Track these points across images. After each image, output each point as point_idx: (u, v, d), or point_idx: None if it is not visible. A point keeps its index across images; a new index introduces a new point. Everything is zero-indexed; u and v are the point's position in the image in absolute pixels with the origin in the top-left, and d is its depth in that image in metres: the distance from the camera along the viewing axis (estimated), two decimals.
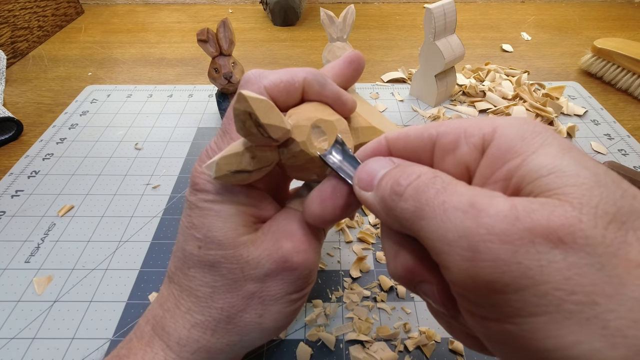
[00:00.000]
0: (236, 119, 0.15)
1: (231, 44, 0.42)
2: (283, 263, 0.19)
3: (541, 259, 0.11)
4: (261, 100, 0.15)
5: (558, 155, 0.12)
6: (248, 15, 0.80)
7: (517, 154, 0.13)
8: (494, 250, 0.11)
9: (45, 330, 0.28)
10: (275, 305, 0.20)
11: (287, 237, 0.19)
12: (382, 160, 0.16)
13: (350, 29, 0.44)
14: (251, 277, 0.19)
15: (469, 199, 0.12)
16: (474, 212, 0.12)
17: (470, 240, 0.12)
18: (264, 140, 0.16)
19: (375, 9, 0.82)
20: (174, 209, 0.37)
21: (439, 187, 0.13)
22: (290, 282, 0.20)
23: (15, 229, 0.35)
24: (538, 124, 0.14)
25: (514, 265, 0.11)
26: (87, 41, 0.69)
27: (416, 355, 0.27)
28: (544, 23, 0.75)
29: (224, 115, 0.46)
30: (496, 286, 0.11)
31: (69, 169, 0.42)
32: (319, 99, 0.19)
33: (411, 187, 0.14)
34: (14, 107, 0.52)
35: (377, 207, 0.15)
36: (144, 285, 0.31)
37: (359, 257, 0.32)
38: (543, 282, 0.11)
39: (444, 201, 0.13)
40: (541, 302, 0.11)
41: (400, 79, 0.57)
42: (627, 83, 0.53)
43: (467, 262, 0.12)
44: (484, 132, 0.14)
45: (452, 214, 0.12)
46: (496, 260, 0.11)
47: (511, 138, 0.13)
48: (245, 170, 0.17)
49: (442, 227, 0.12)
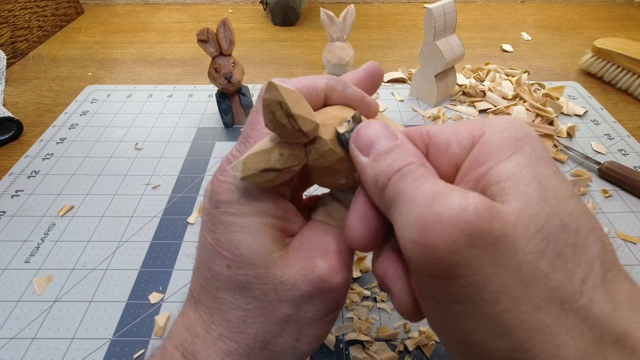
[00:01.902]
0: (266, 110, 0.15)
1: (231, 44, 0.42)
2: (320, 284, 0.18)
3: (470, 254, 0.12)
4: (292, 91, 0.15)
5: (521, 165, 0.13)
6: (248, 15, 0.80)
7: (492, 159, 0.14)
8: (436, 237, 0.12)
9: (45, 330, 0.28)
10: (311, 328, 0.19)
11: (322, 255, 0.18)
12: (387, 128, 0.16)
13: (350, 29, 0.44)
14: (286, 299, 0.18)
15: (435, 190, 0.13)
16: (432, 200, 0.13)
17: (420, 225, 0.12)
18: (293, 134, 0.16)
19: (375, 9, 0.82)
20: (174, 209, 0.37)
21: (419, 175, 0.14)
22: (327, 303, 0.19)
23: (15, 229, 0.35)
24: (522, 129, 0.15)
25: (448, 254, 0.12)
26: (87, 41, 0.69)
27: (416, 355, 0.27)
28: (544, 23, 0.75)
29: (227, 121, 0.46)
30: (431, 270, 0.13)
31: (69, 169, 0.42)
32: (343, 101, 0.19)
33: (399, 173, 0.15)
34: (14, 107, 0.52)
35: (368, 179, 0.16)
36: (144, 285, 0.31)
37: (359, 257, 0.32)
38: (465, 274, 0.12)
39: (415, 188, 0.14)
40: (461, 292, 0.12)
41: (400, 79, 0.57)
42: (627, 83, 0.53)
43: (413, 244, 0.13)
44: (474, 134, 0.15)
45: (417, 201, 0.13)
46: (435, 247, 0.12)
47: (492, 143, 0.14)
48: (274, 168, 0.16)
49: (406, 209, 0.13)
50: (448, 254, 0.12)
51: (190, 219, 0.36)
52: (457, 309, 0.13)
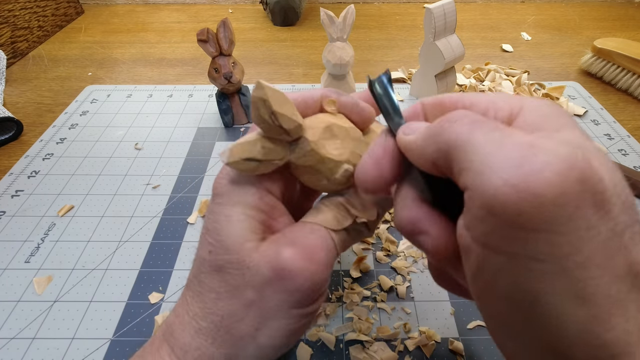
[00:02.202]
0: (253, 105, 0.17)
1: (231, 44, 0.42)
2: (281, 271, 0.18)
3: (575, 211, 0.11)
4: (278, 92, 0.16)
5: (577, 137, 0.13)
6: (248, 15, 0.80)
7: (541, 128, 0.13)
8: (543, 185, 0.11)
9: (45, 330, 0.28)
10: (273, 320, 0.18)
11: (290, 245, 0.18)
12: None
13: (350, 29, 0.44)
14: (251, 283, 0.18)
15: (530, 140, 0.12)
16: (534, 149, 0.12)
17: (523, 169, 0.12)
18: (275, 130, 0.17)
19: (375, 9, 0.82)
20: (174, 209, 0.37)
21: (500, 125, 0.13)
22: (289, 294, 0.18)
23: (15, 229, 0.35)
24: (563, 110, 0.15)
25: (552, 206, 0.11)
26: (87, 41, 0.69)
27: (416, 355, 0.27)
28: (544, 23, 0.75)
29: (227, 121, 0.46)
30: (525, 219, 0.11)
31: (69, 169, 0.42)
32: (337, 106, 0.20)
33: (468, 118, 0.14)
34: (14, 107, 0.52)
35: (417, 141, 0.15)
36: (144, 285, 0.31)
37: (359, 257, 0.32)
38: (563, 232, 0.11)
39: (502, 136, 0.13)
40: (551, 250, 0.11)
41: (400, 79, 0.57)
42: (627, 83, 0.53)
43: (511, 188, 0.12)
44: (512, 107, 0.15)
45: (510, 146, 0.12)
46: (541, 196, 0.11)
47: (537, 115, 0.14)
48: (255, 158, 0.18)
49: (493, 153, 0.12)
50: (553, 205, 0.11)
51: (190, 219, 0.36)
52: (534, 267, 0.12)
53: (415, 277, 0.31)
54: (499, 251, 0.12)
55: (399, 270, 0.32)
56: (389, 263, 0.32)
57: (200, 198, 0.39)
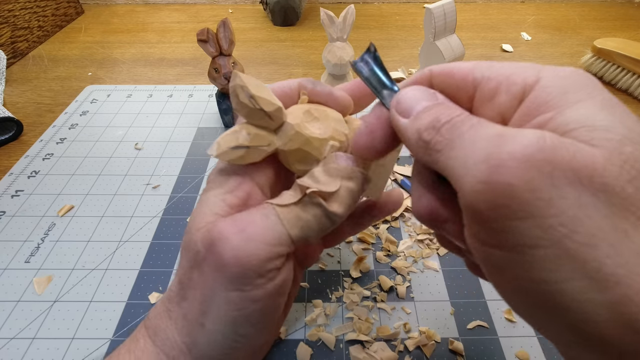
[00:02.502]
0: (232, 95, 0.17)
1: (231, 44, 0.42)
2: (210, 244, 0.17)
3: (553, 192, 0.11)
4: (253, 79, 0.17)
5: (595, 110, 0.12)
6: (248, 15, 0.80)
7: (551, 107, 0.13)
8: (510, 175, 0.11)
9: (45, 330, 0.28)
10: (213, 303, 0.17)
11: (228, 219, 0.17)
12: (426, 91, 0.16)
13: (350, 29, 0.44)
14: (196, 262, 0.18)
15: (499, 131, 0.12)
16: (500, 140, 0.12)
17: (489, 163, 0.12)
18: (257, 114, 0.18)
19: (375, 9, 0.82)
20: (174, 209, 0.37)
21: (474, 122, 0.13)
22: (220, 271, 0.17)
23: (15, 229, 0.35)
24: (587, 76, 0.14)
25: (526, 192, 0.11)
26: (87, 41, 0.69)
27: (416, 355, 0.27)
28: (544, 23, 0.75)
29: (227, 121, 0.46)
30: (505, 211, 0.11)
31: (69, 169, 0.42)
32: (312, 97, 0.21)
33: (449, 123, 0.14)
34: (14, 107, 0.52)
35: (410, 137, 0.15)
36: (144, 285, 0.31)
37: (359, 257, 0.32)
38: (550, 215, 0.11)
39: (475, 133, 0.13)
40: (544, 234, 0.11)
41: (400, 79, 0.57)
42: (627, 83, 0.53)
43: (482, 185, 0.12)
44: (527, 81, 0.14)
45: (479, 143, 0.12)
46: (510, 185, 0.11)
47: (551, 90, 0.13)
48: (242, 145, 0.18)
49: (467, 154, 0.13)
50: (526, 192, 0.11)
51: None
52: (539, 255, 0.11)
53: (415, 277, 0.31)
54: (498, 246, 0.12)
55: (399, 270, 0.32)
56: (389, 263, 0.32)
57: (200, 198, 0.38)
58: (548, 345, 0.27)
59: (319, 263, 0.32)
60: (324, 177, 0.18)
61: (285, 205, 0.18)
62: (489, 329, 0.28)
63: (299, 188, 0.18)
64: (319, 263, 0.32)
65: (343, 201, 0.18)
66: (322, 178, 0.18)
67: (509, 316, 0.29)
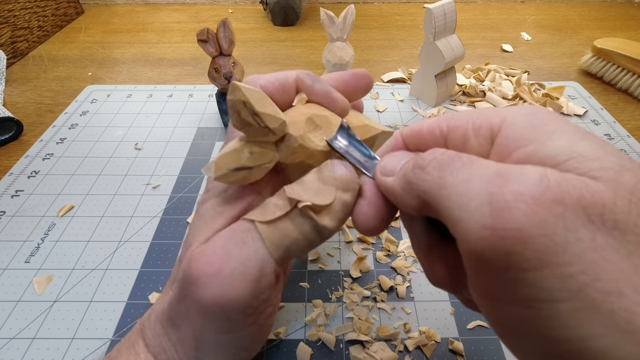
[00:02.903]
0: (231, 110, 0.15)
1: (231, 44, 0.42)
2: (189, 285, 0.15)
3: (569, 235, 0.10)
4: (255, 90, 0.15)
5: (575, 140, 0.11)
6: (248, 15, 0.80)
7: (528, 141, 0.12)
8: (519, 219, 0.10)
9: (45, 330, 0.28)
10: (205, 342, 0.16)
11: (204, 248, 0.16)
12: (407, 153, 0.16)
13: (350, 29, 0.44)
14: (181, 296, 0.16)
15: (496, 169, 0.11)
16: (501, 180, 0.11)
17: (493, 206, 0.10)
18: (261, 132, 0.16)
19: (375, 9, 0.82)
20: (174, 209, 0.37)
21: (465, 160, 0.12)
22: (206, 318, 0.15)
23: (15, 229, 0.35)
24: (548, 112, 0.13)
25: (539, 237, 0.10)
26: (87, 41, 0.69)
27: (416, 355, 0.27)
28: (544, 23, 0.75)
29: (227, 121, 0.46)
30: (516, 259, 0.10)
31: (69, 169, 0.42)
32: (310, 95, 0.19)
33: (435, 160, 0.13)
34: (14, 107, 0.52)
35: (396, 189, 0.14)
36: (144, 285, 0.31)
37: (359, 257, 0.32)
38: (568, 262, 0.10)
39: (469, 172, 0.12)
40: (563, 285, 0.10)
41: (400, 79, 0.57)
42: (627, 83, 0.53)
43: (488, 231, 0.10)
44: (492, 122, 0.14)
45: (476, 183, 0.11)
46: (520, 230, 0.10)
47: (521, 126, 0.13)
48: (245, 166, 0.16)
49: (464, 194, 0.11)
50: (539, 237, 0.10)
51: (190, 219, 0.36)
52: (560, 309, 0.10)
53: (415, 277, 0.31)
54: (511, 302, 0.11)
55: (399, 270, 0.32)
56: (389, 263, 0.32)
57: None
58: None
59: (319, 263, 0.32)
60: (316, 185, 0.16)
61: (269, 222, 0.16)
62: (489, 329, 0.28)
63: (287, 199, 0.16)
64: (318, 263, 0.32)
65: (336, 215, 0.16)
66: (314, 186, 0.16)
67: None
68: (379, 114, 0.49)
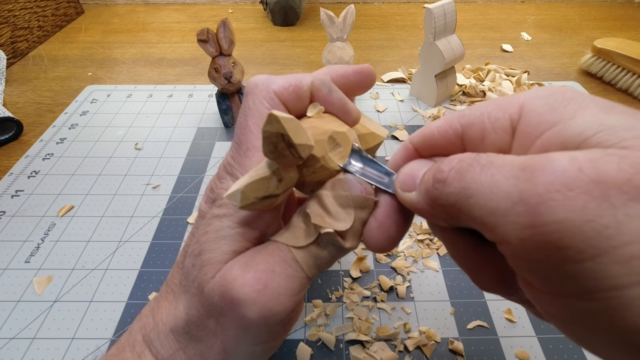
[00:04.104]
0: (266, 141, 0.15)
1: (231, 44, 0.42)
2: (230, 302, 0.15)
3: (618, 214, 0.09)
4: (292, 120, 0.14)
5: (601, 114, 0.11)
6: (248, 15, 0.80)
7: (551, 124, 0.12)
8: (559, 210, 0.09)
9: (45, 330, 0.28)
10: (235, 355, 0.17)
11: (243, 268, 0.16)
12: (423, 161, 0.16)
13: (350, 29, 0.44)
14: (212, 313, 0.16)
15: (519, 164, 0.11)
16: (528, 173, 0.10)
17: (527, 203, 0.10)
18: (293, 161, 0.16)
19: (375, 9, 0.82)
20: (174, 209, 0.37)
21: (484, 162, 0.12)
22: (244, 330, 0.16)
23: (15, 229, 0.35)
24: (568, 90, 0.12)
25: (586, 224, 0.09)
26: (87, 41, 0.69)
27: (416, 355, 0.27)
28: (544, 23, 0.75)
29: (227, 121, 0.46)
30: (568, 253, 0.09)
31: (69, 169, 0.42)
32: (325, 104, 0.19)
33: (453, 170, 0.13)
34: (14, 107, 0.52)
35: (422, 205, 0.14)
36: (144, 285, 0.31)
37: (359, 257, 0.32)
38: (625, 242, 0.09)
39: (492, 174, 0.11)
40: (627, 269, 0.09)
41: (400, 79, 0.57)
42: (627, 83, 0.53)
43: (529, 229, 0.10)
44: (510, 112, 0.13)
45: (502, 183, 0.11)
46: (563, 222, 0.09)
47: (540, 111, 0.12)
48: (273, 194, 0.16)
49: (493, 198, 0.11)
50: (585, 223, 0.09)
51: (190, 219, 0.36)
52: (630, 295, 0.09)
53: (415, 277, 0.31)
54: (574, 297, 0.10)
55: (399, 270, 0.32)
56: (389, 263, 0.32)
57: (200, 198, 0.38)
58: (548, 345, 0.27)
59: None
60: (335, 207, 0.17)
61: (302, 247, 0.17)
62: (489, 329, 0.28)
63: (312, 225, 0.17)
64: None
65: (356, 234, 0.17)
66: (333, 209, 0.17)
67: (509, 316, 0.29)
68: (379, 114, 0.49)
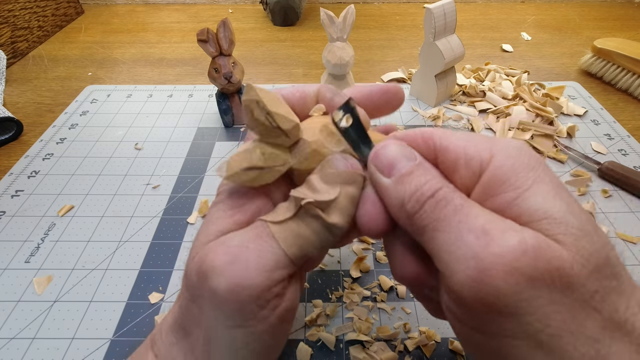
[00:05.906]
0: (245, 109, 0.16)
1: (231, 44, 0.42)
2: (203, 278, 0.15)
3: (533, 293, 0.12)
4: (270, 92, 0.16)
5: (549, 197, 0.14)
6: (248, 15, 0.80)
7: (511, 187, 0.14)
8: (499, 279, 0.12)
9: (45, 330, 0.28)
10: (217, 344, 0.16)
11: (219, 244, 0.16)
12: (404, 148, 0.16)
13: (350, 29, 0.44)
14: (193, 296, 0.17)
15: (482, 224, 0.14)
16: (486, 239, 0.13)
17: (479, 263, 0.13)
18: (273, 132, 0.16)
19: (375, 9, 0.82)
20: (174, 209, 0.37)
21: (457, 204, 0.14)
22: (219, 310, 0.15)
23: (15, 229, 0.35)
24: (533, 156, 0.15)
25: (513, 295, 0.12)
26: (87, 41, 0.69)
27: (416, 355, 0.27)
28: (544, 23, 0.75)
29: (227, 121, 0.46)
30: (493, 308, 0.13)
31: (69, 169, 0.42)
32: (328, 108, 0.20)
33: (433, 199, 0.15)
34: (14, 107, 0.52)
35: (393, 203, 0.16)
36: (144, 285, 0.31)
37: (359, 257, 0.32)
38: (529, 313, 0.13)
39: (460, 221, 0.14)
40: (522, 329, 0.13)
41: (400, 79, 0.57)
42: (627, 83, 0.53)
43: (474, 282, 0.13)
44: (482, 157, 0.15)
45: (465, 236, 0.13)
46: (499, 288, 0.12)
47: (505, 171, 0.14)
48: (256, 166, 0.16)
49: (455, 244, 0.14)
50: (512, 294, 0.12)
51: (190, 219, 0.36)
52: (515, 344, 0.13)
53: None
54: (479, 331, 0.14)
55: None
56: None
57: (200, 198, 0.39)
58: None
59: (320, 264, 0.32)
60: (320, 184, 0.16)
61: (280, 222, 0.16)
62: None
63: (294, 200, 0.17)
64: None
65: (343, 210, 0.16)
66: (319, 186, 0.16)
67: None
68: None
